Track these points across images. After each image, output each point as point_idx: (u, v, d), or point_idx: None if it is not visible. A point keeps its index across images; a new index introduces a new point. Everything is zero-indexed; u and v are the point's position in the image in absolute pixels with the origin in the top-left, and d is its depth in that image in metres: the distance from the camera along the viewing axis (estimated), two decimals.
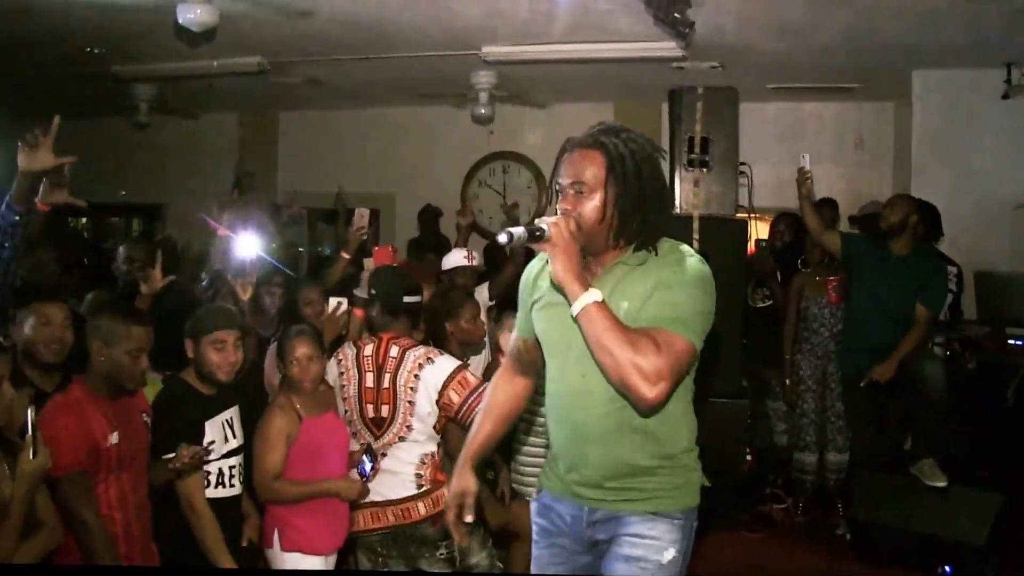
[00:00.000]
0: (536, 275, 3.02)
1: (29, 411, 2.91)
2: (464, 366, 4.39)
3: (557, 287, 2.72)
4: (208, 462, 3.95)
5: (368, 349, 4.40)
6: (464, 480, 3.09)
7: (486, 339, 5.53)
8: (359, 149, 10.31)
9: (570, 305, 2.62)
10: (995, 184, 7.61)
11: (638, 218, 2.74)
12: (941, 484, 5.53)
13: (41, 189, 3.87)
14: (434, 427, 4.31)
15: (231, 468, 4.10)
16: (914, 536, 5.55)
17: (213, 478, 4.03)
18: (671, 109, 6.75)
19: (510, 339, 3.30)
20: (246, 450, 4.19)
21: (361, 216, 5.35)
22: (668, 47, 6.65)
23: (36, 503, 3.06)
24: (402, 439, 4.30)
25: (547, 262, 2.81)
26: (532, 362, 3.15)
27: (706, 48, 6.88)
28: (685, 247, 2.82)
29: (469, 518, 3.02)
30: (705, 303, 2.70)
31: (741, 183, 6.82)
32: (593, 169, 2.74)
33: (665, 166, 3.08)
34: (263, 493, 4.15)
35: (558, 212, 2.79)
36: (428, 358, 4.32)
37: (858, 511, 5.79)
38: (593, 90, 8.86)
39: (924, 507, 5.56)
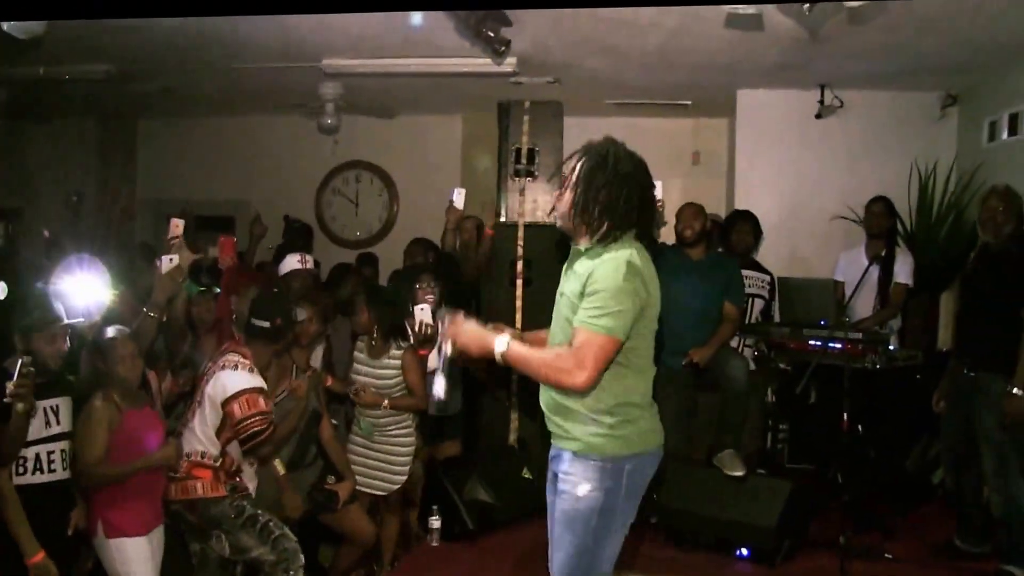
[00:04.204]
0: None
1: None
2: (260, 390, 4.68)
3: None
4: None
5: None
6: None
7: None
8: (217, 157, 10.42)
9: None
10: (810, 197, 8.14)
11: (588, 216, 3.29)
12: (739, 473, 5.91)
13: None
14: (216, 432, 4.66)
15: (50, 454, 4.22)
16: (714, 521, 5.92)
17: (30, 464, 4.14)
18: (500, 122, 7.05)
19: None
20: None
21: (176, 225, 5.46)
22: (498, 62, 6.93)
23: None
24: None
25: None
26: None
27: (538, 64, 7.20)
28: (630, 251, 3.27)
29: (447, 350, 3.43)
30: (623, 302, 3.17)
31: None
32: (573, 167, 3.38)
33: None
34: (85, 479, 4.30)
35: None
36: (233, 365, 4.68)
37: (666, 499, 6.13)
38: (439, 102, 9.13)
39: (724, 495, 5.94)
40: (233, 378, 4.62)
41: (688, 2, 5.24)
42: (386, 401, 5.46)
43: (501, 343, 3.26)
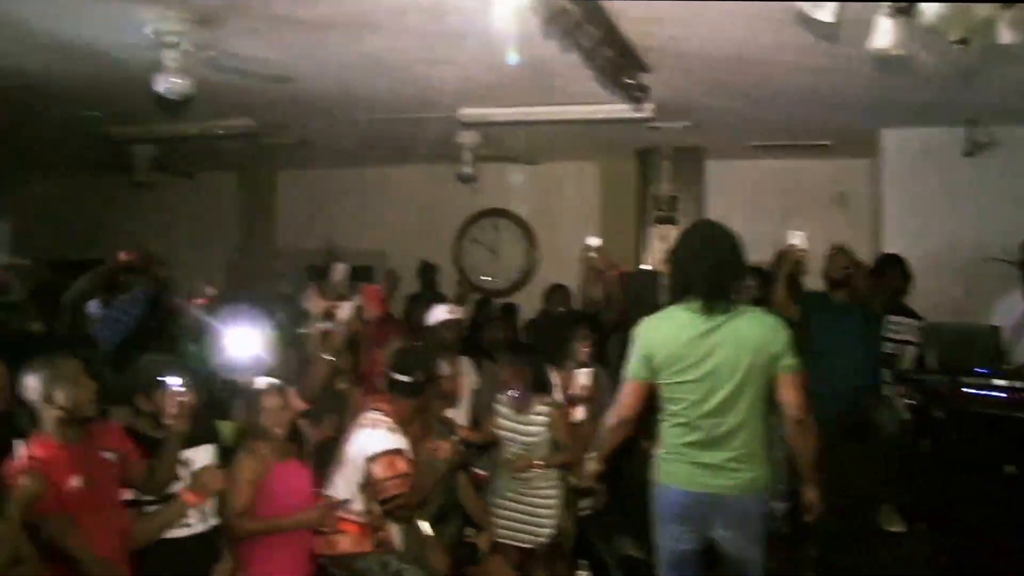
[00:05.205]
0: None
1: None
2: (399, 451, 4.64)
3: None
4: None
5: None
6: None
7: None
8: (353, 207, 10.59)
9: None
10: (959, 238, 7.83)
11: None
12: (899, 529, 5.71)
13: None
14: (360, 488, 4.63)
15: None
16: None
17: None
18: (639, 169, 7.00)
19: None
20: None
21: (341, 271, 5.58)
22: (637, 109, 6.86)
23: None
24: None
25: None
26: None
27: (676, 109, 7.12)
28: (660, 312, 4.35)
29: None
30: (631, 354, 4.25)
31: None
32: None
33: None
34: (228, 530, 4.32)
35: None
36: (373, 424, 4.68)
37: (823, 554, 5.94)
38: (576, 148, 9.12)
39: (883, 550, 5.74)
40: (372, 438, 4.63)
41: None
42: (538, 461, 5.42)
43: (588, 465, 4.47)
